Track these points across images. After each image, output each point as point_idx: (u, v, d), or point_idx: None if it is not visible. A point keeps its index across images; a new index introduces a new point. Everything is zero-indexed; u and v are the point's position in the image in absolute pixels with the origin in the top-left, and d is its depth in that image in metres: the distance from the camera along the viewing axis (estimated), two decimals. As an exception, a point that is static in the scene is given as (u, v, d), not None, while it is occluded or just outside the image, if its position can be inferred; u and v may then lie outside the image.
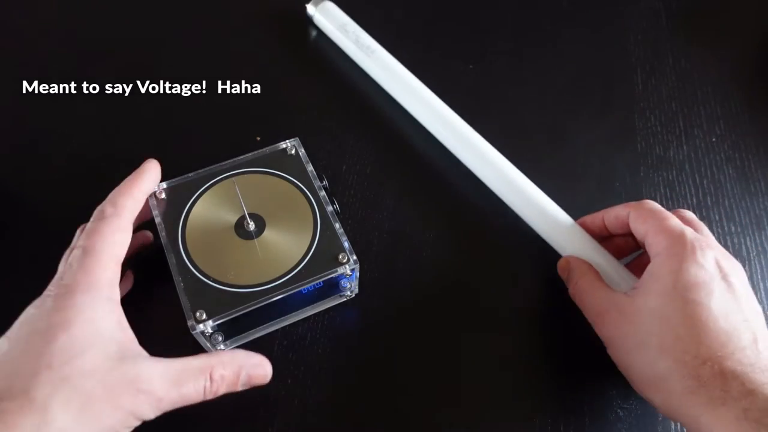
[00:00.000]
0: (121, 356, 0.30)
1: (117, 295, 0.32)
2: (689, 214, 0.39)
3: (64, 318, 0.29)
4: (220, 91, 0.51)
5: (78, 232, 0.35)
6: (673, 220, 0.36)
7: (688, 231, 0.35)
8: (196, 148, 0.47)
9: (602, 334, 0.37)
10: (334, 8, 0.54)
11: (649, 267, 0.35)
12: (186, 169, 0.40)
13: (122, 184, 0.36)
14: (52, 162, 0.47)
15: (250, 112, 0.50)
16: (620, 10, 0.60)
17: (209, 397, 0.32)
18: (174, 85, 0.51)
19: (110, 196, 0.35)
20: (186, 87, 0.51)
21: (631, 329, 0.34)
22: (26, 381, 0.27)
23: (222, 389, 0.33)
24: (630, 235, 0.39)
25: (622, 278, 0.39)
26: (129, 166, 0.37)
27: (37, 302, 0.31)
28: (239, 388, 0.34)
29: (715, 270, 0.34)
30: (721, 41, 0.58)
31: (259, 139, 0.48)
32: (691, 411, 0.31)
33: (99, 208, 0.35)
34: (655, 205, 0.38)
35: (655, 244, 0.35)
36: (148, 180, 0.37)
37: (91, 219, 0.34)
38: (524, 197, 0.43)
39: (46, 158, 0.47)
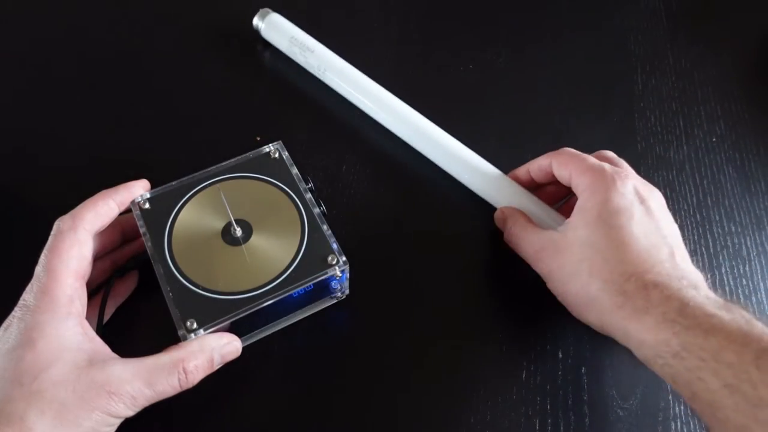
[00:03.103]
0: (89, 363, 0.31)
1: (78, 309, 0.33)
2: (608, 153, 0.42)
3: (28, 338, 0.31)
4: (195, 101, 0.51)
5: (55, 225, 0.35)
6: (591, 159, 0.39)
7: (607, 166, 0.38)
8: (184, 154, 0.48)
9: (540, 270, 0.39)
10: (281, 20, 0.53)
11: (577, 203, 0.38)
12: (169, 177, 0.40)
13: (92, 197, 0.36)
14: (43, 163, 0.47)
15: (227, 118, 0.50)
16: (620, 10, 0.60)
17: (187, 387, 0.33)
18: (157, 93, 0.51)
19: (74, 209, 0.36)
20: (175, 93, 0.52)
21: (565, 260, 0.37)
22: (2, 401, 0.30)
23: (198, 377, 0.34)
24: (557, 182, 0.42)
25: (553, 219, 0.42)
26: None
27: (4, 324, 0.33)
28: (215, 368, 0.35)
29: (634, 196, 0.37)
30: (721, 41, 0.58)
31: (258, 138, 0.48)
32: (621, 323, 0.34)
33: (57, 221, 0.35)
34: (573, 151, 0.41)
35: (580, 183, 0.39)
36: (117, 193, 0.37)
37: (51, 232, 0.35)
38: (460, 161, 0.46)
39: (38, 159, 0.47)
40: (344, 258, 0.37)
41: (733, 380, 0.29)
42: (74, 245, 0.34)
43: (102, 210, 0.36)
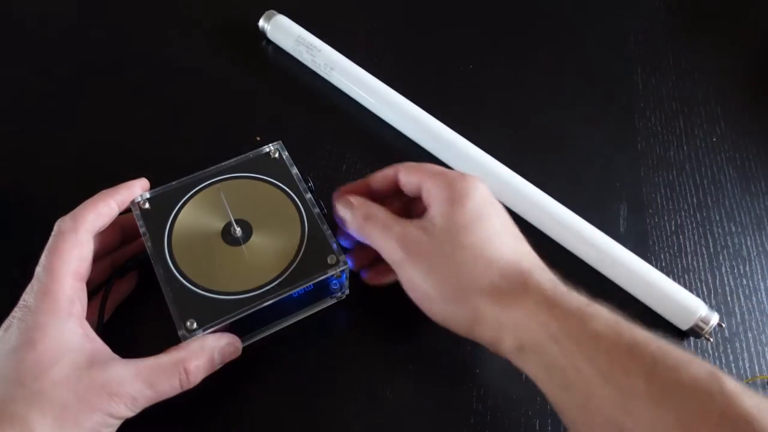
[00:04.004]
0: (90, 364, 0.31)
1: (79, 309, 0.33)
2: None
3: (29, 339, 0.31)
4: (195, 101, 0.51)
5: (56, 225, 0.35)
6: (440, 167, 0.37)
7: (455, 171, 0.37)
8: (184, 154, 0.47)
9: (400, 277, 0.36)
10: (287, 22, 0.53)
11: (428, 212, 0.36)
12: (169, 177, 0.40)
13: (92, 197, 0.36)
14: (43, 164, 0.47)
15: (225, 120, 0.50)
16: (620, 10, 0.60)
17: (188, 387, 0.33)
18: (154, 95, 0.51)
19: (74, 210, 0.35)
20: (175, 93, 0.52)
21: (420, 279, 0.35)
22: (3, 401, 0.30)
23: (199, 377, 0.34)
24: (399, 197, 0.40)
25: None
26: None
27: (4, 325, 0.33)
28: (215, 369, 0.35)
29: (486, 201, 0.35)
30: (721, 41, 0.58)
31: (258, 138, 0.48)
32: (495, 316, 0.33)
33: (58, 222, 0.35)
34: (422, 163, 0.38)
35: (431, 188, 0.36)
36: (117, 193, 0.37)
37: (52, 233, 0.35)
38: (467, 157, 0.46)
39: (38, 160, 0.47)
40: (344, 258, 0.37)
41: (607, 368, 0.29)
42: (75, 246, 0.34)
43: (102, 210, 0.36)
